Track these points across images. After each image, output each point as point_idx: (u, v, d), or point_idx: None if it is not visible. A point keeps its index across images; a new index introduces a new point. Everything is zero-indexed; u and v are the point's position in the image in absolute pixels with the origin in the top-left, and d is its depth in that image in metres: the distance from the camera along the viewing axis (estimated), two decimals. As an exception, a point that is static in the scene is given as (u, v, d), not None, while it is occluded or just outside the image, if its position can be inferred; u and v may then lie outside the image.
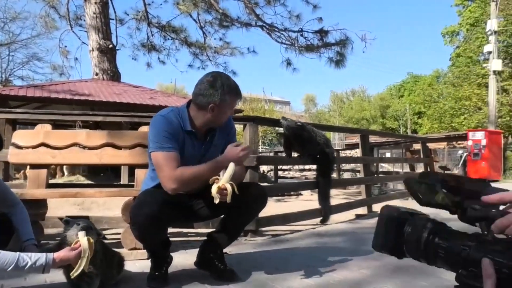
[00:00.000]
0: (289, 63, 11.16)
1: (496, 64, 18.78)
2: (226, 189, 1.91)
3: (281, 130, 3.93)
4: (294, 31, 10.61)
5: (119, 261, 2.17)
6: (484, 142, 14.01)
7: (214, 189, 1.92)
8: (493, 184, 0.72)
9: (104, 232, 3.17)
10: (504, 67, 23.14)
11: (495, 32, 19.07)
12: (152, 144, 2.04)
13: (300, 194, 8.23)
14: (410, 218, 0.74)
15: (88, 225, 1.85)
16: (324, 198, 4.10)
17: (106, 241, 2.06)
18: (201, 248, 2.34)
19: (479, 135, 14.33)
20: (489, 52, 19.22)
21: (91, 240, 1.77)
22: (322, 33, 10.18)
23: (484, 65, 22.29)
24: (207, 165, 2.02)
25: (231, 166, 1.98)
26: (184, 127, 2.10)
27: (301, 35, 10.48)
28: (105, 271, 1.98)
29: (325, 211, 4.09)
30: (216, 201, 1.91)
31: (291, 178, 13.71)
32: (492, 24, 18.89)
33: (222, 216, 2.29)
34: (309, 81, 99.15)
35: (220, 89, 2.05)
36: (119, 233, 2.81)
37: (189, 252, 2.91)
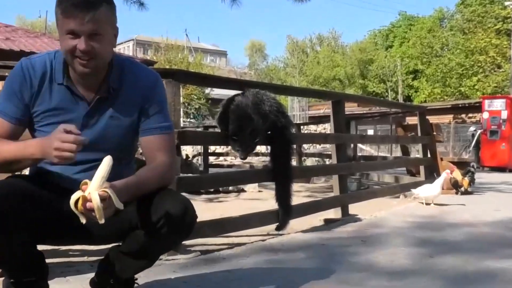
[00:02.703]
0: (226, -9, 11.02)
1: (523, 2, 19.78)
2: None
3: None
4: None
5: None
6: (505, 114, 14.72)
7: (72, 201, 1.79)
8: None
9: None
10: (533, 7, 24.48)
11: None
12: None
13: (243, 190, 8.27)
14: None
15: None
16: (281, 194, 4.13)
17: None
18: (99, 270, 2.33)
19: (499, 105, 15.05)
20: (514, -15, 20.21)
21: None
22: None
23: (507, 3, 23.47)
24: (13, 144, 2.00)
25: (106, 161, 1.87)
26: (55, 79, 2.07)
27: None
28: None
29: (283, 213, 4.12)
30: (82, 220, 1.82)
31: (229, 166, 13.73)
32: None
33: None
34: (256, 21, 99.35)
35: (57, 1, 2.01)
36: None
37: (70, 280, 2.82)
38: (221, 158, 15.83)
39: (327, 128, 21.60)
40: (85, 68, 1.98)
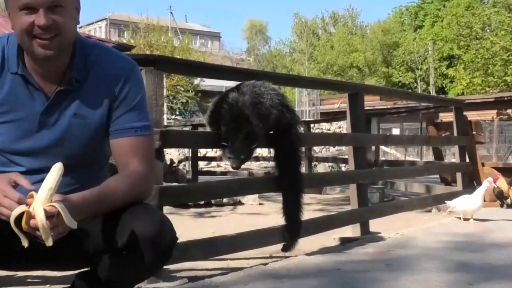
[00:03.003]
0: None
1: None
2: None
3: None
4: None
5: None
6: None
7: (13, 217, 1.76)
8: None
9: None
10: None
11: None
12: None
13: (240, 203, 8.26)
14: None
15: None
16: (289, 208, 4.12)
17: None
18: None
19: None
20: None
21: None
22: None
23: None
24: None
25: (54, 169, 1.85)
26: (8, 68, 2.06)
27: None
28: None
29: (290, 231, 4.11)
30: (24, 243, 1.78)
31: (223, 173, 13.74)
32: None
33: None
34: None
35: None
36: None
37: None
38: (214, 163, 15.83)
39: (342, 126, 21.64)
40: (47, 50, 1.95)
